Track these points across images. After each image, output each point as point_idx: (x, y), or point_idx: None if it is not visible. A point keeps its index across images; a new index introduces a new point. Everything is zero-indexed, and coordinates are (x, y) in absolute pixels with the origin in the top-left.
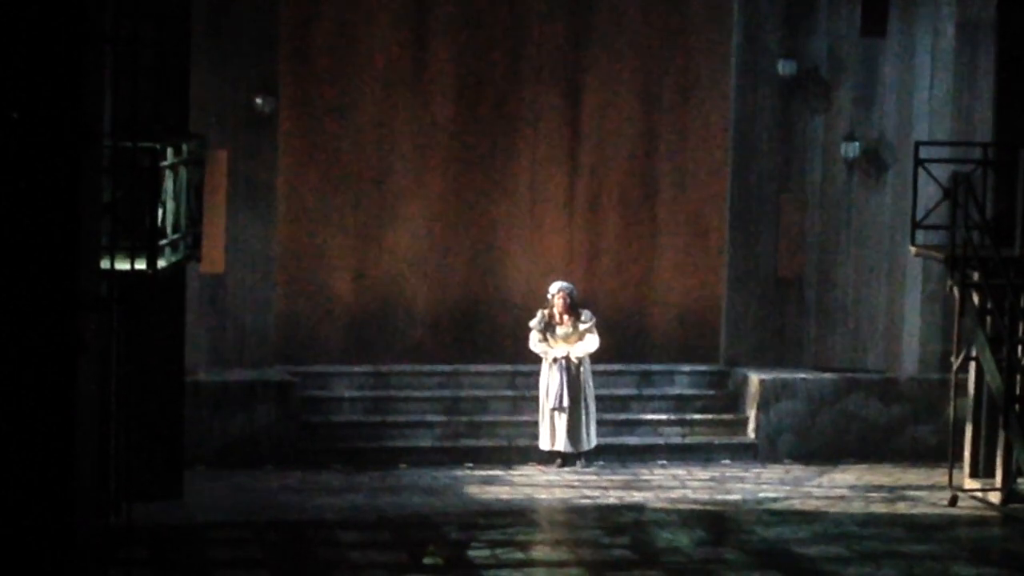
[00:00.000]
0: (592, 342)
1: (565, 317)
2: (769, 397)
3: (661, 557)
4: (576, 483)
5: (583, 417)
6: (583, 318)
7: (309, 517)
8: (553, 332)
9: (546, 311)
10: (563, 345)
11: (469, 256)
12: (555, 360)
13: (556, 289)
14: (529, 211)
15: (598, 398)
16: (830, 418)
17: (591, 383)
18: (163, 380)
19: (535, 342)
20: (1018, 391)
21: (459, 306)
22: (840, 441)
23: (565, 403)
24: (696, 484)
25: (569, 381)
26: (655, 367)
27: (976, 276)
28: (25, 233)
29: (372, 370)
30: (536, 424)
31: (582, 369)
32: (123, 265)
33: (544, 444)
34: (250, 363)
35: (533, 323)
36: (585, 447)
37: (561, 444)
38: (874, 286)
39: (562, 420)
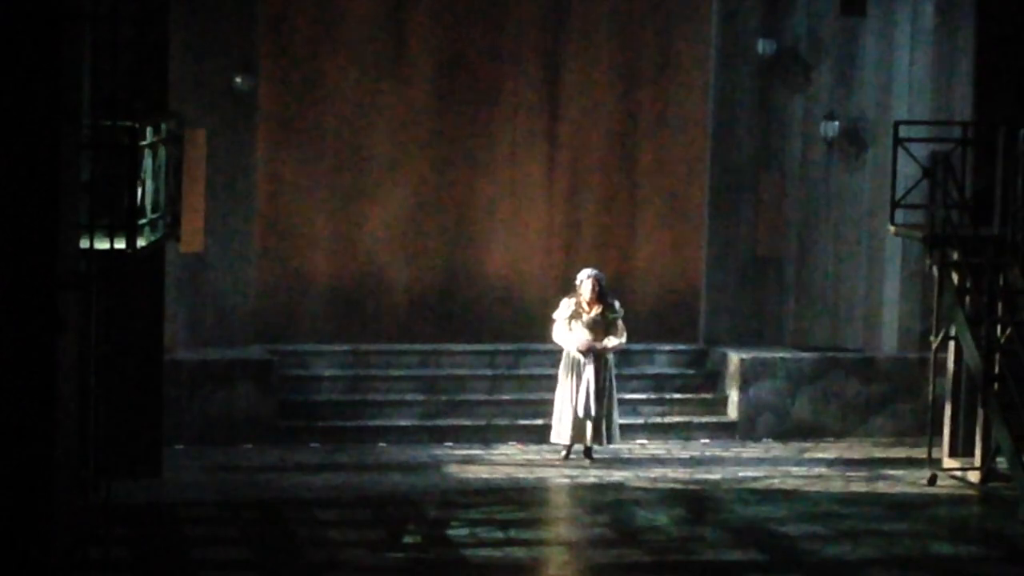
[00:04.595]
0: (623, 335)
1: (594, 306)
2: (748, 376)
3: (641, 535)
4: (556, 462)
5: (610, 411)
6: (614, 308)
7: (288, 495)
8: (580, 321)
9: (572, 300)
10: (589, 335)
11: (449, 235)
12: (581, 352)
13: (585, 276)
14: (509, 190)
15: None
16: (809, 397)
17: (614, 375)
18: (142, 359)
19: (561, 332)
20: (997, 370)
21: (439, 285)
22: (819, 420)
23: (593, 402)
24: (675, 463)
25: (599, 375)
26: (634, 346)
27: (955, 255)
28: (4, 212)
29: (351, 349)
30: (519, 404)
31: (609, 361)
32: (102, 244)
33: (562, 439)
34: (229, 342)
35: (558, 313)
36: (606, 442)
37: (588, 439)
38: (853, 265)
39: (591, 416)
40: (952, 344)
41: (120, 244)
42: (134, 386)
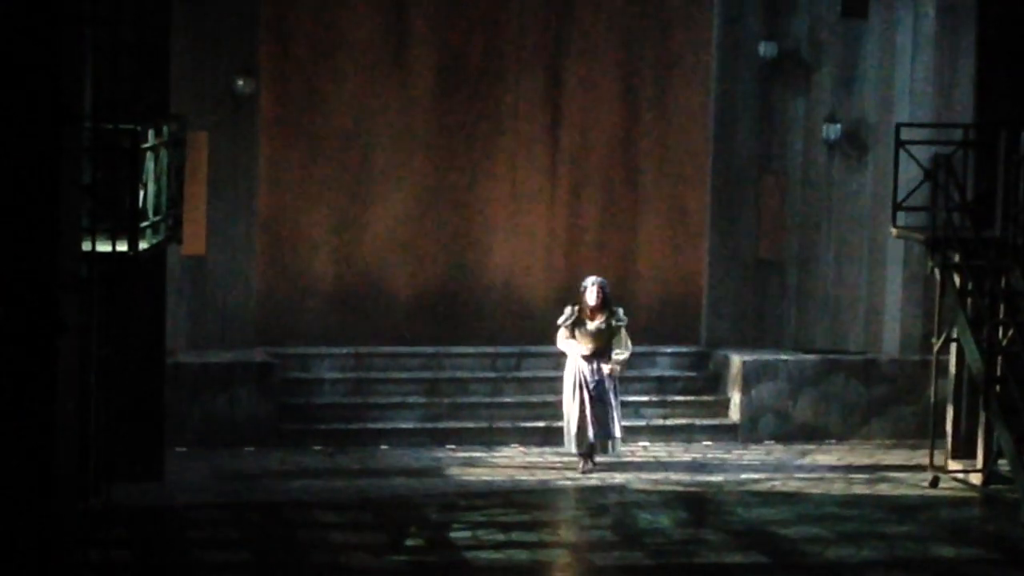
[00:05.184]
0: (628, 344)
1: (598, 314)
2: (750, 378)
3: (642, 538)
4: (558, 464)
5: (615, 421)
6: (618, 315)
7: (289, 498)
8: (583, 328)
9: (575, 306)
10: (592, 343)
11: (450, 237)
12: (584, 358)
13: (590, 283)
14: (510, 192)
15: None
16: (811, 399)
17: (617, 385)
18: (144, 361)
19: (563, 339)
20: (999, 372)
21: (440, 288)
22: (821, 422)
23: (610, 424)
24: (677, 465)
25: (607, 395)
26: (636, 348)
27: (957, 257)
28: (5, 215)
29: (353, 352)
30: (521, 406)
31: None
32: (104, 247)
33: (574, 447)
34: (231, 344)
35: (561, 320)
36: (611, 450)
37: (591, 440)
38: (855, 267)
39: (592, 419)
40: (954, 346)
41: (122, 247)
42: (135, 389)
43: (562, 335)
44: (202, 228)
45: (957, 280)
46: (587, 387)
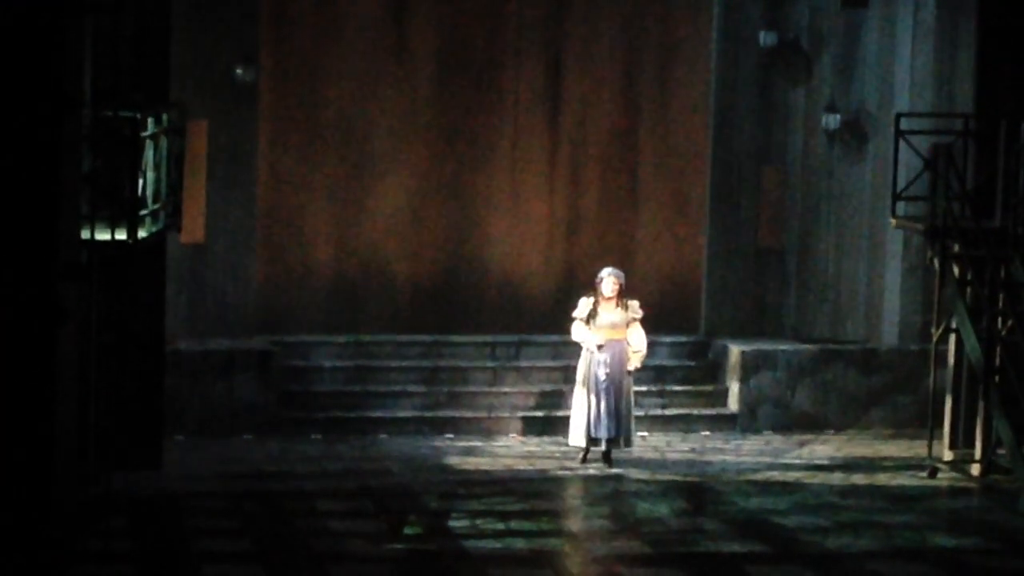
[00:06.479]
0: (643, 339)
1: (614, 305)
2: (749, 368)
3: (641, 527)
4: (556, 454)
5: (629, 415)
6: (634, 308)
7: (288, 487)
8: (597, 319)
9: (591, 298)
10: (606, 334)
11: (450, 226)
12: (599, 347)
13: (607, 274)
14: (510, 181)
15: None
16: (810, 389)
17: (632, 381)
18: (143, 349)
19: (580, 330)
20: (998, 363)
21: (440, 276)
22: (820, 412)
23: (610, 403)
24: (676, 455)
25: (619, 378)
26: None
27: (956, 247)
28: (5, 203)
29: (352, 340)
30: (520, 395)
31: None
32: (103, 235)
33: (579, 442)
34: (230, 333)
35: (577, 312)
36: (623, 446)
37: (594, 437)
38: (854, 257)
39: (604, 413)
40: (953, 336)
41: (121, 235)
42: (135, 377)
43: (578, 326)
44: (201, 216)
45: (957, 270)
46: (599, 383)
